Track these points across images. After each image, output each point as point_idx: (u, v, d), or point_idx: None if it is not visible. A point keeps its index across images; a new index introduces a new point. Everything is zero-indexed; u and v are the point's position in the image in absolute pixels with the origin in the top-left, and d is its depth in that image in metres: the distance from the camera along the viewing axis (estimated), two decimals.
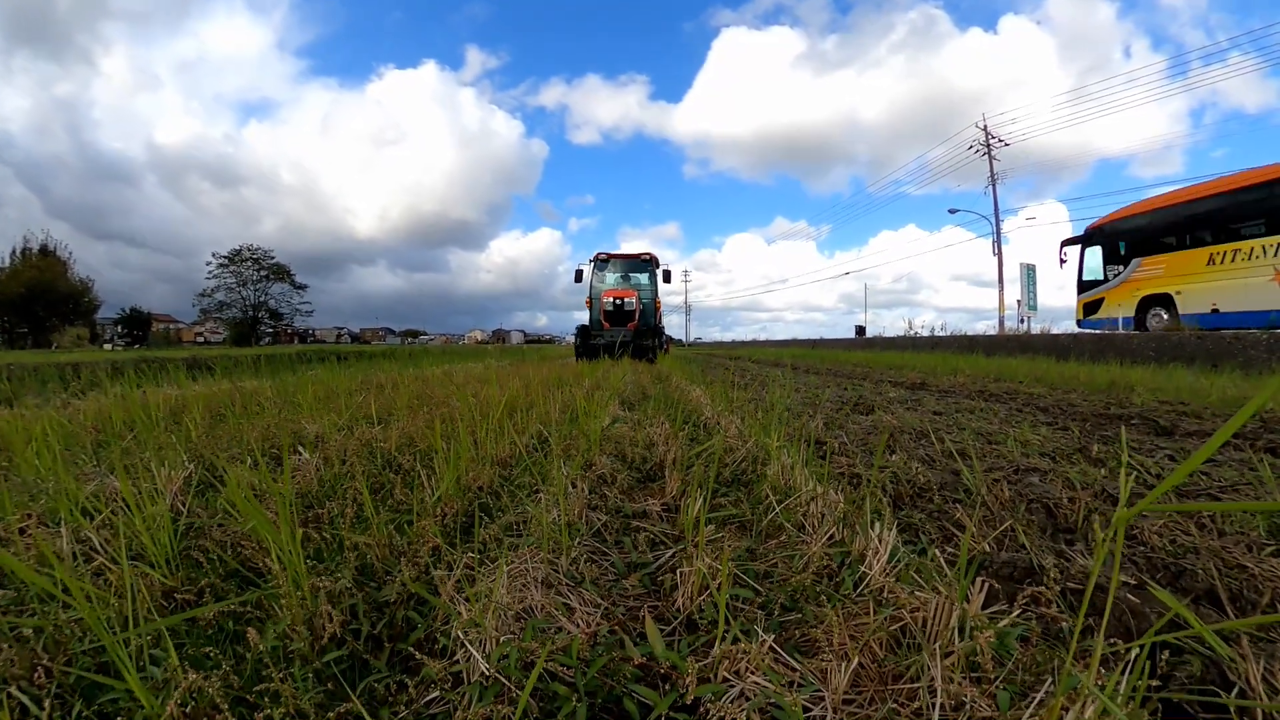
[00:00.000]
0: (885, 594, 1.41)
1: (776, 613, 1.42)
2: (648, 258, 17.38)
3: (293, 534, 1.37)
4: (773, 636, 1.22)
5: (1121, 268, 17.10)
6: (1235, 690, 1.11)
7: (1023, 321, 32.90)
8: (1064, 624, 1.35)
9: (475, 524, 1.89)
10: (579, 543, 1.80)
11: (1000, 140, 35.00)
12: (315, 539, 1.78)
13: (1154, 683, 1.07)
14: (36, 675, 1.12)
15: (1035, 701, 1.01)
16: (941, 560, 1.49)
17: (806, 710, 1.06)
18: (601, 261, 17.32)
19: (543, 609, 1.37)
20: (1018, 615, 1.30)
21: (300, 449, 2.85)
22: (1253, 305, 13.40)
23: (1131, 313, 16.53)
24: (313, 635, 1.26)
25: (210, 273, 67.80)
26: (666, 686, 1.14)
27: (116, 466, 1.81)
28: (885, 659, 1.21)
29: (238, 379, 6.20)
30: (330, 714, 1.00)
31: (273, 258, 69.27)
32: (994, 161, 34.74)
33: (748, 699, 1.05)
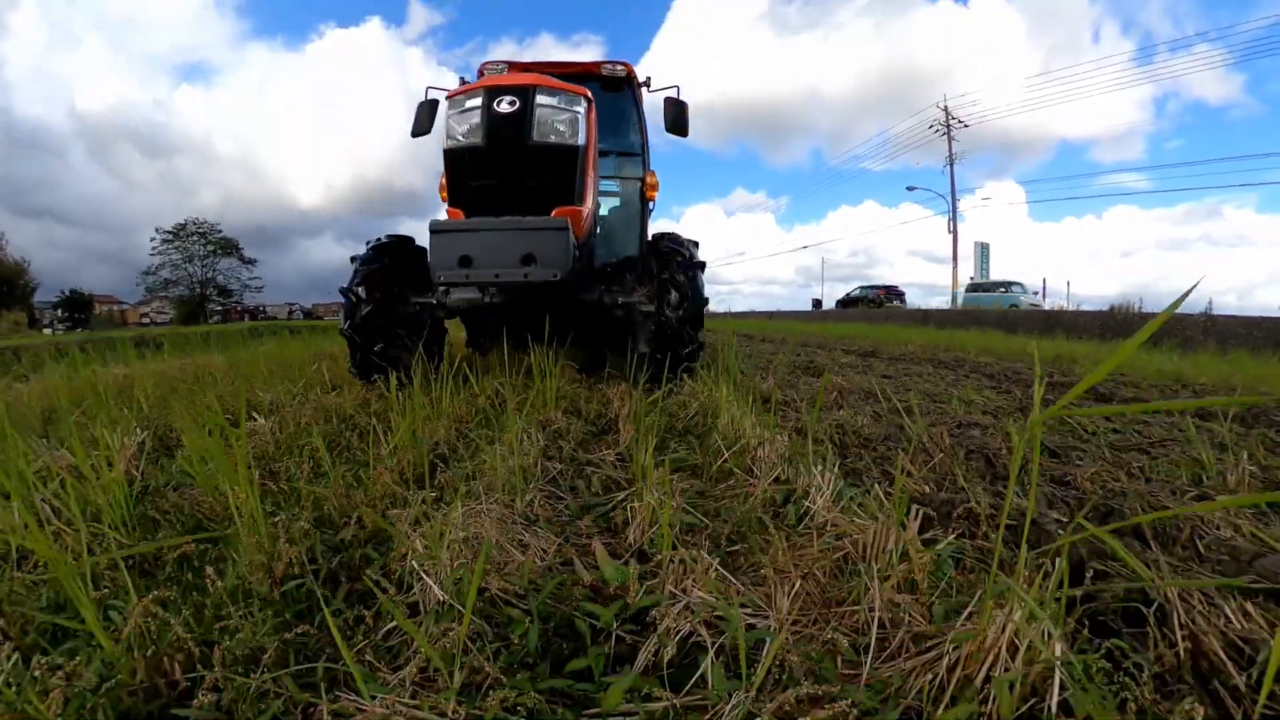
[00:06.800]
0: (828, 526, 1.48)
1: (724, 544, 1.48)
2: (623, 71, 5.49)
3: (250, 480, 1.38)
4: (718, 560, 1.28)
5: None
6: (1155, 606, 1.18)
7: None
8: (995, 548, 1.43)
9: (430, 474, 1.91)
10: (534, 487, 1.83)
11: (960, 121, 35.51)
12: (273, 490, 1.78)
13: (1077, 592, 1.15)
14: None
15: (967, 613, 1.08)
16: (882, 495, 1.56)
17: (752, 627, 1.12)
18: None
19: (497, 543, 1.40)
20: (953, 539, 1.37)
21: (255, 415, 2.82)
22: None
23: None
24: (271, 577, 1.28)
25: (154, 249, 64.50)
26: (617, 607, 1.19)
27: (68, 437, 1.77)
28: (829, 585, 1.28)
29: (189, 354, 6.04)
30: (289, 634, 1.03)
31: (219, 231, 66.06)
32: (953, 142, 35.26)
33: (693, 612, 1.10)
